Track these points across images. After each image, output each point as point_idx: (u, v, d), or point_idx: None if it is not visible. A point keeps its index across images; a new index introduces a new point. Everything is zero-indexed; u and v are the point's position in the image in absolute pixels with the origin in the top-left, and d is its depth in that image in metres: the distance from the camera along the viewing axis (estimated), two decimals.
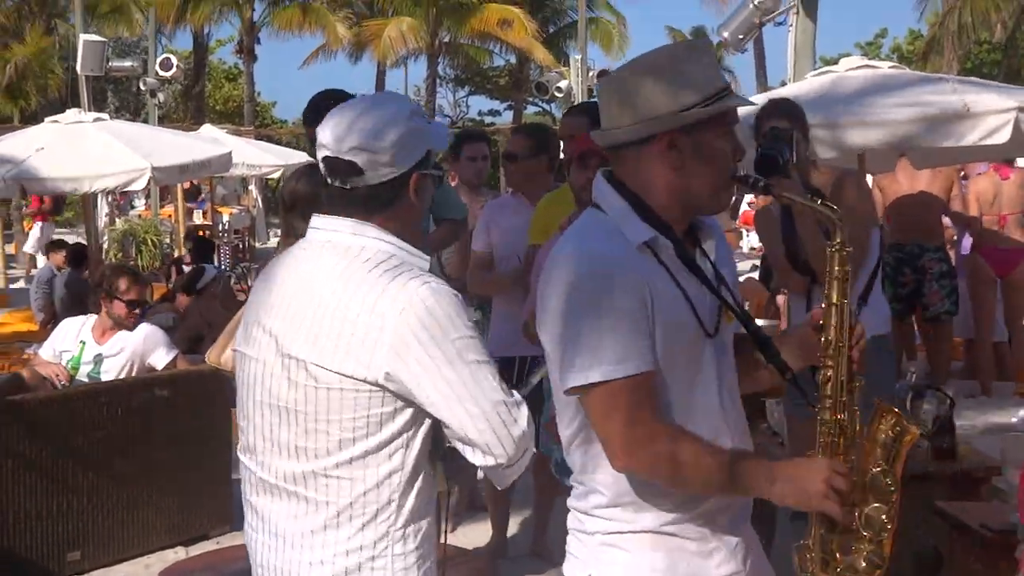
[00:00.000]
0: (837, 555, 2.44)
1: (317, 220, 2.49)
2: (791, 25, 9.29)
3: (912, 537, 4.34)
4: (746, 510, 2.62)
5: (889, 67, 8.36)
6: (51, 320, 10.65)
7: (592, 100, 11.29)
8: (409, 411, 2.38)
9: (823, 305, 2.47)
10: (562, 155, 5.81)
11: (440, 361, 2.32)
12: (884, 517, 2.40)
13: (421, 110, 2.60)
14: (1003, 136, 6.98)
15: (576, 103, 12.15)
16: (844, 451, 2.44)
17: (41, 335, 8.50)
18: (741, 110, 2.72)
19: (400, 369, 2.31)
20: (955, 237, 9.74)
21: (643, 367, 2.36)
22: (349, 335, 2.33)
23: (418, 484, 2.44)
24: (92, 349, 6.40)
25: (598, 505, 2.52)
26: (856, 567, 2.43)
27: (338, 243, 2.43)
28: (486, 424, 2.34)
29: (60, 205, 20.71)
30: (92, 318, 6.53)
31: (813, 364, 2.54)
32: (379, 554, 2.41)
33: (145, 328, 6.53)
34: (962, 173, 9.04)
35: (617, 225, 2.45)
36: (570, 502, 2.61)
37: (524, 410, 2.39)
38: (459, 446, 2.39)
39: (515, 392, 2.41)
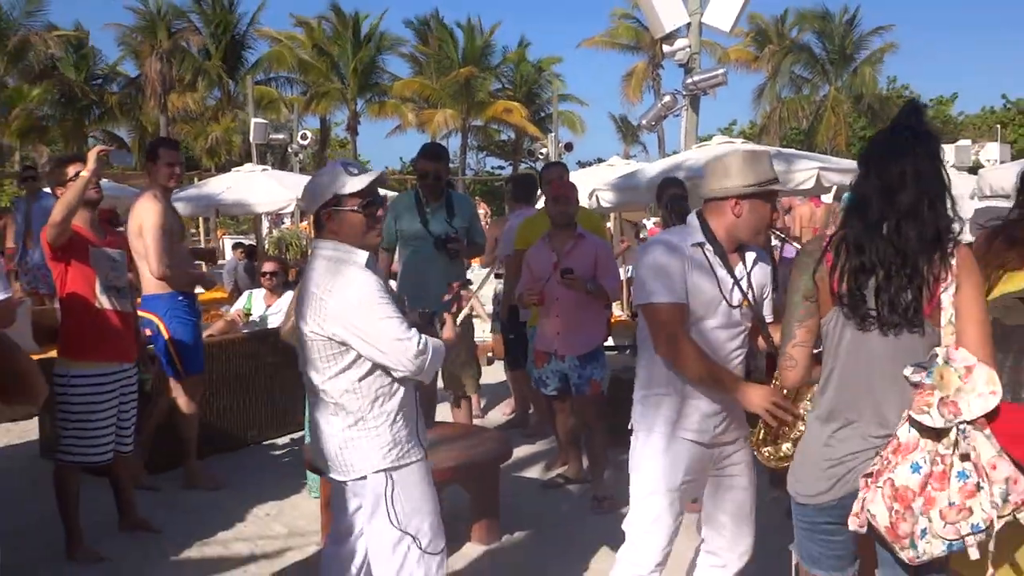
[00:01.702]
0: (769, 438, 2.56)
1: (317, 242, 2.47)
2: (683, 117, 9.29)
3: None
4: (737, 414, 2.68)
5: (741, 142, 8.38)
6: (235, 291, 10.63)
7: (559, 161, 10.92)
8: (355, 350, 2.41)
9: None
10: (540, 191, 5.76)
11: (359, 322, 2.35)
12: (802, 425, 2.47)
13: (329, 171, 2.44)
14: (809, 184, 7.07)
15: (550, 161, 12.11)
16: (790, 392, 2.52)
17: (229, 301, 8.50)
18: (643, 178, 2.71)
19: (339, 330, 2.37)
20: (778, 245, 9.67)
21: (675, 300, 2.55)
22: (315, 311, 2.39)
23: (375, 386, 2.44)
24: (260, 308, 6.40)
25: (640, 379, 2.72)
26: (785, 443, 2.53)
27: (326, 256, 2.44)
28: (391, 354, 2.37)
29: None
30: (261, 290, 6.52)
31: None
32: (359, 430, 2.46)
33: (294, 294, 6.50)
34: (787, 206, 9.00)
35: (688, 233, 2.61)
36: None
37: (415, 340, 2.38)
38: (383, 367, 2.41)
39: (412, 331, 2.39)
